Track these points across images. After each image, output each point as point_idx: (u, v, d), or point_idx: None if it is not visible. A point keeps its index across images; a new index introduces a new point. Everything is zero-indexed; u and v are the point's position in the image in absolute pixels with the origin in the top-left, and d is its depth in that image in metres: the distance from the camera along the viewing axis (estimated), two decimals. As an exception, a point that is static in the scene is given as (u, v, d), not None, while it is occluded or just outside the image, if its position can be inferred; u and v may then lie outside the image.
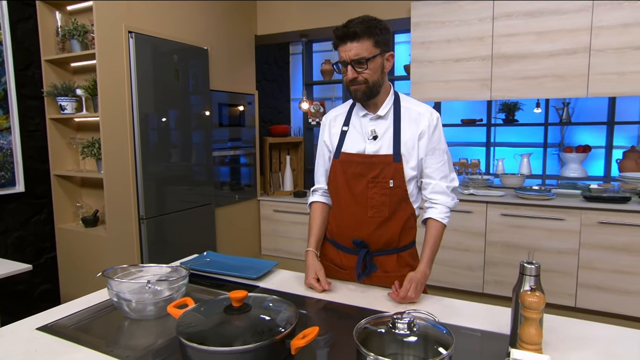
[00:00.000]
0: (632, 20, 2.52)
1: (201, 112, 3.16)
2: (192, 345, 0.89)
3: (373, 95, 1.38)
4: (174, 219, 2.96)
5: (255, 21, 3.87)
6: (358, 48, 1.30)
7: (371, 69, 1.32)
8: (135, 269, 1.36)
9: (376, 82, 1.35)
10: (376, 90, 1.37)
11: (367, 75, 1.32)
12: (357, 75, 1.32)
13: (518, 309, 0.98)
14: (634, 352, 0.97)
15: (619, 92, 2.61)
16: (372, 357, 0.74)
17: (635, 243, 2.51)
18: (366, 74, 1.32)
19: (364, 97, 1.37)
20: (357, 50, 1.30)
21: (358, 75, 1.32)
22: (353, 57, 1.30)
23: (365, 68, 1.31)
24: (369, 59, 1.30)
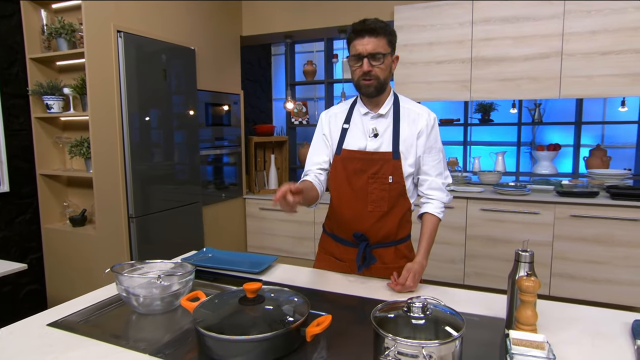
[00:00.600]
0: (599, 27, 2.72)
1: (188, 112, 3.17)
2: (212, 335, 0.94)
3: (381, 91, 1.45)
4: (163, 217, 2.97)
5: (240, 22, 3.90)
6: (375, 43, 1.37)
7: (384, 65, 1.40)
8: (141, 265, 1.40)
9: (385, 79, 1.43)
10: (384, 88, 1.45)
11: (379, 71, 1.40)
12: (371, 69, 1.39)
13: (514, 294, 1.08)
14: (616, 331, 1.08)
15: (588, 94, 2.80)
16: (390, 337, 0.82)
17: (604, 234, 2.71)
18: (379, 70, 1.40)
19: (375, 92, 1.43)
20: (374, 45, 1.37)
21: (372, 69, 1.39)
22: (370, 51, 1.37)
23: (381, 62, 1.39)
24: (384, 54, 1.38)
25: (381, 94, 1.47)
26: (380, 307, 0.92)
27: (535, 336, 0.97)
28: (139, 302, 1.23)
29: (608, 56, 2.71)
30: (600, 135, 3.98)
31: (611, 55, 2.70)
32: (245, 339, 0.93)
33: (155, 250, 2.91)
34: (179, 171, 3.13)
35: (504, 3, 2.91)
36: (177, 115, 3.08)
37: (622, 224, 2.67)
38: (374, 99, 1.48)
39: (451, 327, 0.84)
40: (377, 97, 1.48)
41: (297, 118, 4.57)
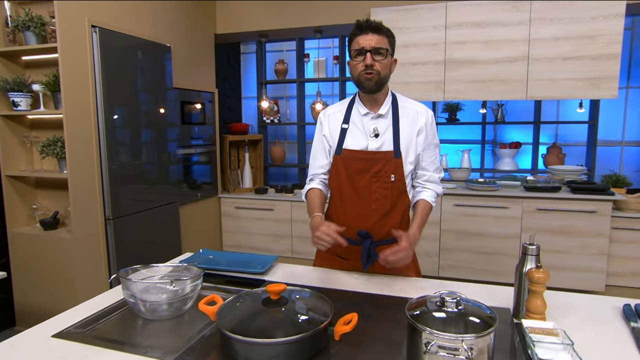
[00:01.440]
0: (561, 35, 2.93)
1: (165, 110, 3.09)
2: (243, 339, 0.93)
3: (381, 88, 1.50)
4: (140, 218, 2.88)
5: (214, 20, 3.83)
6: (378, 39, 1.43)
7: (386, 62, 1.45)
8: (145, 270, 1.37)
9: (385, 77, 1.48)
10: (383, 85, 1.50)
11: (380, 66, 1.45)
12: (373, 63, 1.44)
13: (522, 285, 1.17)
14: (609, 316, 1.20)
15: (552, 95, 3.02)
16: (428, 331, 0.87)
17: (567, 226, 2.93)
18: (380, 66, 1.44)
19: (375, 87, 1.48)
20: (377, 41, 1.43)
21: (375, 64, 1.44)
22: (374, 46, 1.43)
23: (383, 58, 1.44)
24: (387, 50, 1.44)
25: (380, 90, 1.51)
26: (412, 303, 0.97)
27: (546, 324, 1.06)
28: (146, 308, 1.21)
29: (569, 61, 2.93)
30: (554, 134, 4.28)
31: (572, 61, 2.92)
32: (277, 342, 0.94)
33: (133, 253, 2.82)
34: (156, 171, 3.05)
35: (475, 9, 3.06)
36: (153, 114, 2.99)
37: (581, 215, 2.91)
38: (373, 97, 1.52)
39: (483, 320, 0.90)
40: (376, 95, 1.52)
41: (269, 117, 4.56)
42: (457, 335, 0.84)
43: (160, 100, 3.05)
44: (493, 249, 3.11)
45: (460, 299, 0.91)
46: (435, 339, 0.84)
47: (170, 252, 3.21)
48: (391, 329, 1.17)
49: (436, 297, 0.96)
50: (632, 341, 1.07)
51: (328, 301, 1.10)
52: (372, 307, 1.33)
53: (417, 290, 1.41)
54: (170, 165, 3.16)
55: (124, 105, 2.73)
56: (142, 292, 1.23)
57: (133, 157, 2.83)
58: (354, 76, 1.51)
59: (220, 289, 1.43)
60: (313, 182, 1.65)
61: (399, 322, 1.26)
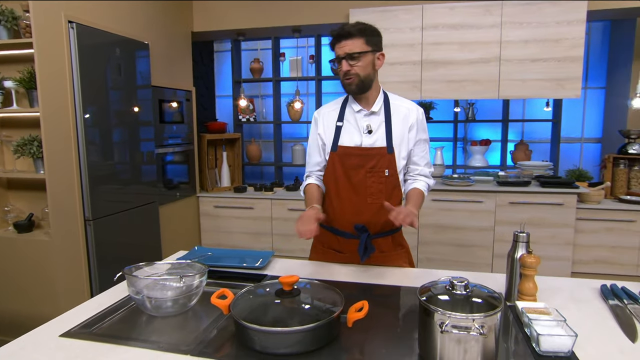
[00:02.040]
0: (530, 37, 3.10)
1: (143, 108, 3.03)
2: (262, 329, 0.97)
3: (365, 89, 1.56)
4: (120, 219, 2.82)
5: (191, 17, 3.78)
6: (351, 45, 1.49)
7: (362, 63, 1.51)
8: (148, 267, 1.37)
9: (367, 76, 1.53)
10: (368, 84, 1.55)
11: (358, 69, 1.51)
12: (350, 68, 1.50)
13: (514, 269, 1.26)
14: (589, 296, 1.32)
15: (522, 95, 3.19)
16: (440, 312, 0.93)
17: (537, 217, 3.11)
18: (357, 68, 1.50)
19: (357, 89, 1.54)
20: (350, 47, 1.49)
21: (351, 69, 1.50)
22: (347, 52, 1.49)
23: (358, 61, 1.49)
24: (360, 53, 1.49)
25: (365, 90, 1.56)
26: (422, 288, 1.03)
27: (538, 304, 1.15)
28: (152, 305, 1.21)
29: (537, 63, 3.11)
30: (521, 131, 4.50)
31: (539, 62, 3.10)
32: (295, 330, 0.97)
33: (114, 254, 2.76)
34: (135, 170, 2.99)
35: (450, 11, 3.19)
36: (131, 112, 2.93)
37: (549, 208, 3.10)
38: (362, 95, 1.59)
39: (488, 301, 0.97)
40: (366, 94, 1.58)
41: (245, 115, 4.55)
42: (468, 315, 0.91)
43: (139, 99, 3.00)
44: (469, 242, 3.25)
45: (467, 282, 0.98)
46: (448, 319, 0.91)
47: (151, 253, 3.16)
48: (394, 315, 1.24)
49: (444, 282, 1.02)
50: (612, 317, 1.18)
51: (337, 291, 1.15)
52: (372, 296, 1.38)
53: (412, 280, 1.48)
54: (149, 165, 3.11)
55: (102, 103, 2.66)
56: (149, 289, 1.23)
57: (112, 157, 2.76)
58: (340, 80, 1.57)
59: (223, 284, 1.44)
60: (310, 178, 1.71)
61: (400, 308, 1.33)
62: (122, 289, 1.41)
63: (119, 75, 2.78)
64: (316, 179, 1.70)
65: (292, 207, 3.70)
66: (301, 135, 4.84)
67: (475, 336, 0.89)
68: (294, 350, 0.99)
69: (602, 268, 3.15)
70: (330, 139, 1.63)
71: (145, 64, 3.05)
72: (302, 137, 4.82)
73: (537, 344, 1.00)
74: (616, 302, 1.26)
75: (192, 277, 1.24)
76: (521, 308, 1.12)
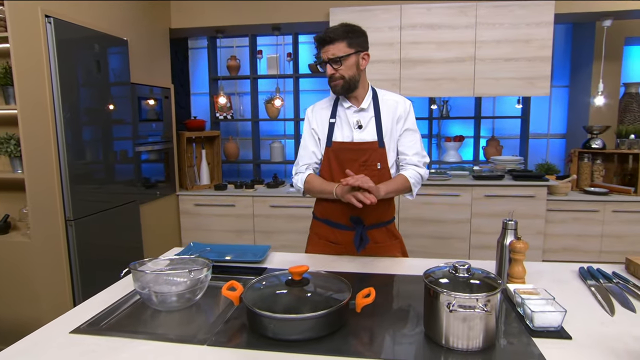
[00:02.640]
0: (502, 38, 3.26)
1: (123, 106, 2.98)
2: (272, 315, 1.01)
3: (351, 89, 1.61)
4: (101, 219, 2.77)
5: (169, 14, 3.73)
6: (333, 49, 1.55)
7: (346, 66, 1.57)
8: (151, 263, 1.38)
9: (352, 77, 1.59)
10: (354, 84, 1.61)
11: (342, 71, 1.57)
12: (334, 71, 1.56)
13: (503, 255, 1.36)
14: (569, 277, 1.44)
15: (496, 93, 3.34)
16: (445, 292, 1.00)
17: (510, 209, 3.28)
18: (342, 71, 1.57)
19: (342, 90, 1.60)
20: (333, 51, 1.55)
21: (335, 72, 1.56)
22: (330, 57, 1.55)
23: (340, 65, 1.56)
24: (342, 57, 1.55)
25: (352, 90, 1.62)
26: (427, 273, 1.10)
27: (527, 286, 1.24)
28: (158, 299, 1.23)
29: (509, 62, 3.27)
30: (491, 128, 4.70)
31: (511, 62, 3.27)
32: (308, 317, 1.02)
33: (96, 254, 2.71)
34: (115, 169, 2.93)
35: (427, 12, 3.30)
36: (111, 110, 2.87)
37: (522, 200, 3.27)
38: (350, 95, 1.65)
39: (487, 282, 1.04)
40: (355, 93, 1.64)
41: (222, 113, 4.52)
42: (471, 294, 0.98)
43: (119, 96, 2.94)
44: (447, 234, 3.38)
45: (469, 266, 1.06)
46: (454, 299, 0.98)
47: (132, 253, 3.12)
48: (395, 301, 1.31)
49: (446, 267, 1.10)
50: (591, 295, 1.30)
51: (343, 280, 1.20)
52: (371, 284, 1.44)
53: (406, 269, 1.56)
54: (129, 164, 3.06)
55: (82, 101, 2.60)
56: (155, 284, 1.25)
57: (92, 155, 2.71)
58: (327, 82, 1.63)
59: (225, 278, 1.46)
60: (308, 170, 1.71)
61: (400, 295, 1.40)
62: (123, 286, 1.41)
63: (98, 72, 2.73)
64: (312, 170, 1.72)
65: (274, 204, 3.73)
66: (279, 132, 4.86)
67: (479, 313, 0.96)
68: (306, 336, 1.03)
69: (569, 256, 3.35)
70: (324, 135, 1.68)
71: (124, 60, 2.99)
72: (280, 135, 4.85)
73: (530, 321, 1.09)
74: (593, 282, 1.37)
75: (200, 271, 1.27)
76: (513, 289, 1.21)
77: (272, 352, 0.99)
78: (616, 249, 3.29)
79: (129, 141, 3.05)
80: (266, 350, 1.00)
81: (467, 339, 0.99)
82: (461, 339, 0.99)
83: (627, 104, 3.87)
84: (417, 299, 1.27)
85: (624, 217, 3.25)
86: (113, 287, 1.41)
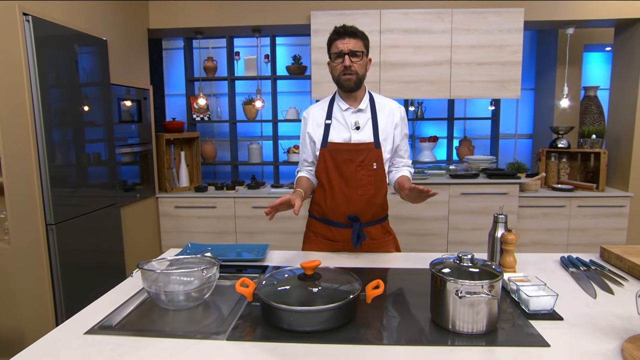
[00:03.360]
0: (477, 43, 3.42)
1: (103, 107, 2.92)
2: (288, 308, 1.06)
3: (359, 86, 1.69)
4: (83, 222, 2.71)
5: (147, 14, 3.67)
6: (355, 43, 1.62)
7: (360, 63, 1.64)
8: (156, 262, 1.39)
9: (362, 76, 1.67)
10: (361, 83, 1.69)
11: (358, 67, 1.63)
12: (351, 64, 1.62)
13: (494, 246, 1.46)
14: (552, 266, 1.55)
15: (471, 95, 3.50)
16: (452, 280, 1.08)
17: (485, 206, 3.44)
18: (357, 66, 1.63)
19: (354, 86, 1.66)
20: (354, 44, 1.62)
21: (352, 65, 1.62)
22: (351, 49, 1.61)
23: (360, 59, 1.62)
24: (361, 52, 1.63)
25: (358, 88, 1.70)
26: (433, 263, 1.17)
27: (518, 274, 1.34)
28: (168, 298, 1.24)
29: (483, 66, 3.43)
30: (463, 128, 4.90)
31: (485, 66, 3.43)
32: (327, 308, 1.06)
33: (77, 259, 2.64)
34: (96, 171, 2.87)
35: (406, 17, 3.42)
36: (92, 111, 2.81)
37: (496, 197, 3.44)
38: (352, 94, 1.71)
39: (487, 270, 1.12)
40: (355, 93, 1.71)
41: (199, 114, 4.49)
42: (477, 281, 1.06)
43: (99, 97, 2.88)
44: (426, 231, 3.51)
45: (472, 256, 1.14)
46: (461, 286, 1.05)
47: (114, 257, 3.06)
48: (397, 292, 1.37)
49: (450, 258, 1.18)
50: (574, 281, 1.41)
51: (351, 274, 1.26)
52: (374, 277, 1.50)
53: (401, 263, 1.64)
54: (109, 166, 2.99)
55: (62, 102, 2.54)
56: (167, 283, 1.26)
57: (72, 157, 2.64)
58: (334, 77, 1.68)
59: (229, 276, 1.49)
60: (301, 172, 1.83)
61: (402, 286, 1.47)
62: (127, 287, 1.41)
63: (78, 72, 2.66)
64: (307, 172, 1.83)
65: (256, 204, 3.74)
66: (257, 134, 4.87)
67: (485, 298, 1.04)
68: (323, 327, 1.08)
69: (540, 249, 3.55)
70: (320, 136, 1.73)
71: (104, 61, 2.94)
72: (257, 136, 4.86)
73: (526, 305, 1.18)
74: (574, 269, 1.50)
75: (211, 268, 1.28)
76: (507, 277, 1.31)
77: (292, 343, 1.04)
78: (582, 242, 3.52)
79: (108, 143, 2.99)
80: (285, 342, 1.04)
81: (472, 322, 1.07)
82: (467, 323, 1.07)
83: (587, 107, 4.13)
84: (419, 289, 1.35)
85: (588, 211, 3.48)
86: (118, 289, 1.41)
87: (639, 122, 3.45)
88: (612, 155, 3.70)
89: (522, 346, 1.02)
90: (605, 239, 3.50)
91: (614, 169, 3.71)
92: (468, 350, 1.01)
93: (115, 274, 3.06)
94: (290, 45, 4.70)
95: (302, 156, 1.84)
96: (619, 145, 3.66)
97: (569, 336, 1.06)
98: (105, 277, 2.90)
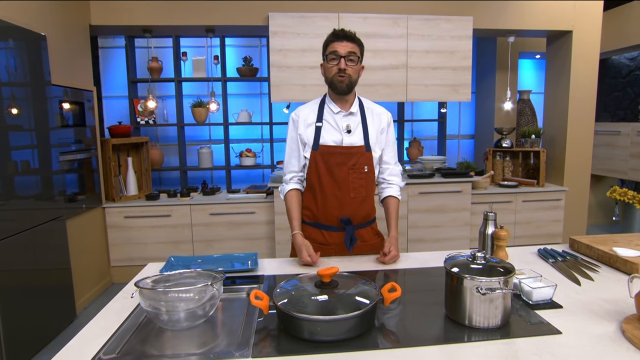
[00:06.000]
0: (431, 48, 3.57)
1: (42, 110, 2.63)
2: (319, 318, 1.02)
3: (351, 90, 1.68)
4: (23, 239, 2.42)
5: (88, 8, 3.37)
6: (352, 47, 1.62)
7: (356, 67, 1.64)
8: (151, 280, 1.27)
9: (355, 80, 1.67)
10: (353, 87, 1.69)
11: (352, 71, 1.63)
12: (346, 67, 1.61)
13: (485, 242, 1.52)
14: (532, 258, 1.66)
15: (426, 98, 3.65)
16: (468, 277, 1.11)
17: (441, 205, 3.60)
18: (352, 70, 1.63)
19: (346, 88, 1.66)
20: (351, 48, 1.62)
21: (347, 68, 1.62)
22: (349, 51, 1.60)
23: (355, 63, 1.62)
24: (358, 56, 1.63)
25: (349, 92, 1.70)
26: (447, 262, 1.19)
27: (512, 268, 1.41)
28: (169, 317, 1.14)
29: (436, 70, 3.59)
30: (411, 130, 5.10)
31: (438, 70, 3.60)
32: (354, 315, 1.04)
33: (18, 280, 2.36)
34: (36, 182, 2.58)
35: (364, 21, 3.48)
36: (28, 114, 2.52)
37: (451, 195, 3.61)
38: (343, 97, 1.70)
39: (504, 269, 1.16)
40: (346, 96, 1.71)
41: (143, 118, 4.23)
42: (493, 278, 1.10)
43: (37, 98, 2.59)
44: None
45: (485, 254, 1.18)
46: (480, 283, 1.09)
47: (61, 275, 2.78)
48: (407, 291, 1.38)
49: (463, 256, 1.21)
50: (556, 271, 1.52)
51: (365, 279, 1.24)
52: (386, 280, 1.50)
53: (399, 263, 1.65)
54: (44, 175, 2.67)
55: (-1, 104, 2.25)
56: (170, 302, 1.16)
57: (9, 166, 2.35)
58: (328, 78, 1.67)
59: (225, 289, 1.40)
60: (292, 183, 1.77)
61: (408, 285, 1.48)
62: (115, 311, 1.28)
63: (13, 70, 2.38)
64: (297, 182, 1.78)
65: (214, 211, 3.60)
66: (205, 137, 4.68)
67: (503, 293, 1.08)
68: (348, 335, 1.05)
69: (489, 242, 3.79)
70: (311, 138, 1.70)
71: (44, 58, 2.65)
72: (206, 140, 4.67)
73: (528, 297, 1.25)
74: (553, 260, 1.61)
75: (219, 282, 1.20)
76: (503, 272, 1.37)
77: (319, 354, 1.00)
78: (527, 234, 3.81)
79: (50, 149, 2.70)
80: (312, 354, 1.00)
81: (490, 317, 1.10)
82: (485, 318, 1.10)
83: (521, 109, 4.50)
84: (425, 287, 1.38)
85: (531, 205, 3.78)
86: (104, 312, 1.27)
87: (571, 123, 3.82)
88: (548, 154, 4.06)
89: (537, 335, 1.07)
90: (546, 230, 3.83)
91: (550, 166, 4.07)
92: (491, 344, 1.04)
93: (63, 295, 2.77)
94: (240, 46, 4.59)
95: (287, 166, 1.77)
96: (554, 144, 4.02)
97: (574, 322, 1.14)
98: (52, 299, 2.61)
